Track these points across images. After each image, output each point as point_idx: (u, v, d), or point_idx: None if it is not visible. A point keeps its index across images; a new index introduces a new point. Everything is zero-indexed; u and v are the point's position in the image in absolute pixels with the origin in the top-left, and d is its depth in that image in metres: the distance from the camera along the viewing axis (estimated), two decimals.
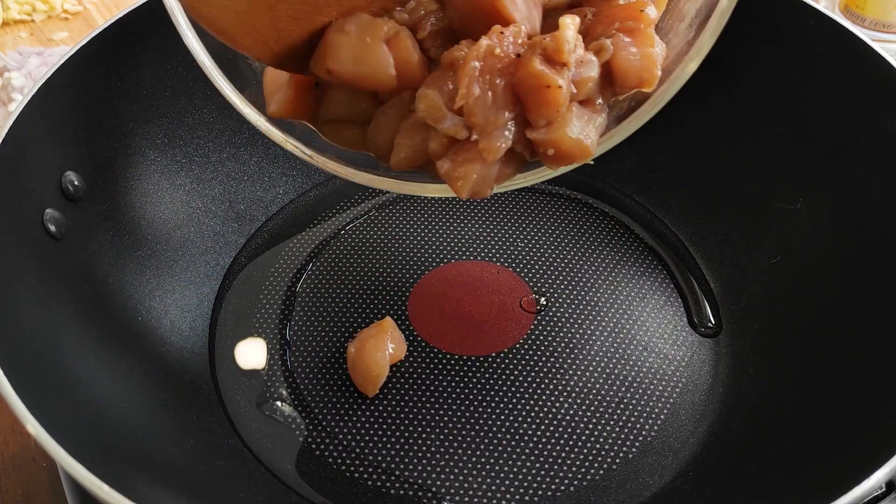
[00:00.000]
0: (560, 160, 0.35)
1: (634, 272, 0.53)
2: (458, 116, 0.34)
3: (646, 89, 0.37)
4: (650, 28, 0.36)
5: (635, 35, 0.36)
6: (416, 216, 0.57)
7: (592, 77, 0.35)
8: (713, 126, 0.55)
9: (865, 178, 0.47)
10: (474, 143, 0.34)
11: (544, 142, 0.35)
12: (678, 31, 0.39)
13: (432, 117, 0.35)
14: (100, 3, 0.81)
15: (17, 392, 0.34)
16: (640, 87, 0.37)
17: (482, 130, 0.34)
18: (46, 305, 0.41)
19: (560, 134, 0.34)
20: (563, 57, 0.33)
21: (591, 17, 0.37)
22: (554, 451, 0.45)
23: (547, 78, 0.33)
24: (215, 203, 0.55)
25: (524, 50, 0.34)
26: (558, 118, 0.34)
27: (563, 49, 0.33)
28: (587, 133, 0.35)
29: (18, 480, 0.48)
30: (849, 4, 0.68)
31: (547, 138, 0.34)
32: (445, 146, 0.35)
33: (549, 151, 0.35)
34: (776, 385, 0.45)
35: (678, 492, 0.43)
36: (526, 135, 0.35)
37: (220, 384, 0.48)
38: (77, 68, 0.46)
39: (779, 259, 0.50)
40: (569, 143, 0.35)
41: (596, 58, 0.35)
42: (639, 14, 0.36)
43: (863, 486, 0.33)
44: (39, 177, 0.44)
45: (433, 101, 0.34)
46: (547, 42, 0.33)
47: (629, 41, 0.36)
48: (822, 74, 0.49)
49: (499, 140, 0.34)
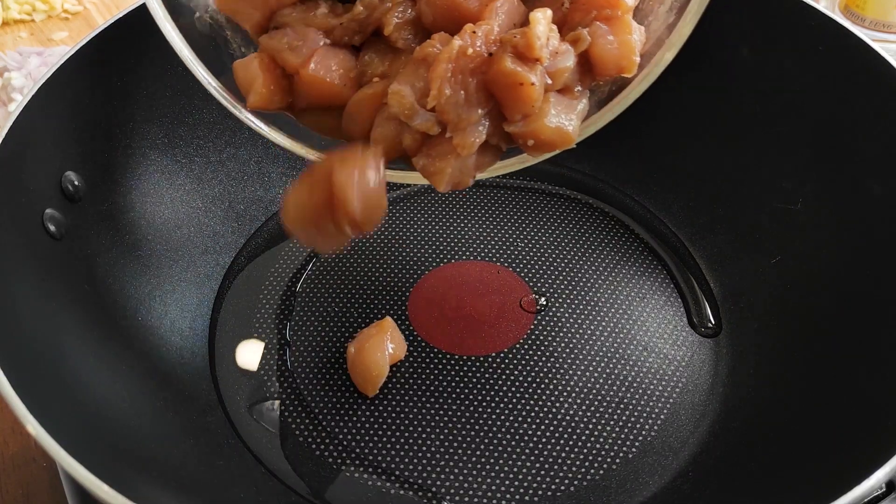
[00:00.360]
0: (541, 148, 0.36)
1: (634, 272, 0.53)
2: (430, 112, 0.34)
3: (625, 75, 0.37)
4: (628, 15, 0.36)
5: (613, 23, 0.36)
6: (415, 216, 0.57)
7: (568, 67, 0.35)
8: (713, 126, 0.55)
9: (865, 178, 0.47)
10: (448, 138, 0.35)
11: (523, 134, 0.35)
12: (658, 14, 0.39)
13: (404, 114, 0.35)
14: (100, 3, 0.81)
15: (17, 392, 0.34)
16: (620, 73, 0.37)
17: (455, 127, 0.34)
18: (46, 305, 0.41)
19: (538, 125, 0.35)
20: (535, 53, 0.33)
21: (568, 6, 0.37)
22: (554, 451, 0.45)
23: (519, 76, 0.33)
24: (215, 203, 0.55)
25: (496, 48, 0.34)
26: (534, 112, 0.34)
27: (534, 45, 0.33)
28: (567, 120, 0.35)
29: (18, 480, 0.48)
30: (849, 4, 0.68)
31: (525, 130, 0.35)
32: (419, 141, 0.36)
33: (529, 142, 0.35)
34: (776, 385, 0.45)
35: (678, 492, 0.43)
36: (503, 128, 0.35)
37: (220, 384, 0.48)
38: (77, 68, 0.46)
39: (779, 259, 0.50)
40: (548, 132, 0.35)
41: (572, 48, 0.35)
42: (616, 1, 0.36)
43: (863, 486, 0.33)
44: (39, 177, 0.44)
45: (404, 99, 0.34)
46: (518, 40, 0.33)
47: (606, 29, 0.36)
48: (822, 74, 0.49)
49: (472, 135, 0.34)
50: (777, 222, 0.51)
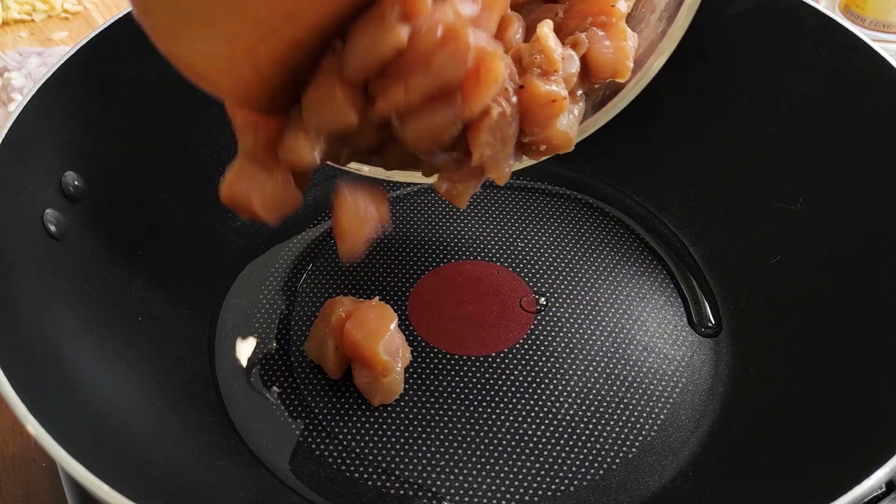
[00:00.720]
0: (547, 153, 0.37)
1: (634, 272, 0.53)
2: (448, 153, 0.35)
3: (619, 80, 0.39)
4: (621, 22, 0.38)
5: (608, 29, 0.37)
6: (415, 216, 0.57)
7: (576, 71, 0.36)
8: (713, 126, 0.55)
9: (865, 178, 0.47)
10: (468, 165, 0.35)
11: (537, 141, 0.36)
12: (649, 21, 0.41)
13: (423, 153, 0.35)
14: (100, 3, 0.81)
15: (17, 392, 0.34)
16: (615, 77, 0.38)
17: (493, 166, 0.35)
18: (46, 305, 0.41)
19: (552, 131, 0.36)
20: (556, 66, 0.35)
21: (563, 14, 0.38)
22: (554, 451, 0.45)
23: (552, 94, 0.35)
24: (216, 203, 0.55)
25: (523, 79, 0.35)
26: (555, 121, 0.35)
27: (554, 60, 0.34)
28: (571, 124, 0.36)
29: (18, 480, 0.48)
30: (849, 4, 0.68)
31: (541, 137, 0.36)
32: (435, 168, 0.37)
33: (542, 147, 0.36)
34: (776, 385, 0.45)
35: (678, 492, 0.43)
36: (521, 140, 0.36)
37: (220, 384, 0.48)
38: (77, 68, 0.46)
39: (779, 259, 0.50)
40: (559, 136, 0.36)
41: (574, 52, 0.36)
42: (610, 9, 0.37)
43: (863, 486, 0.33)
44: (39, 177, 0.44)
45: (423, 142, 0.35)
46: (539, 60, 0.34)
47: (603, 34, 0.37)
48: (822, 74, 0.49)
49: (507, 166, 0.35)
50: (777, 222, 0.51)
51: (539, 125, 0.35)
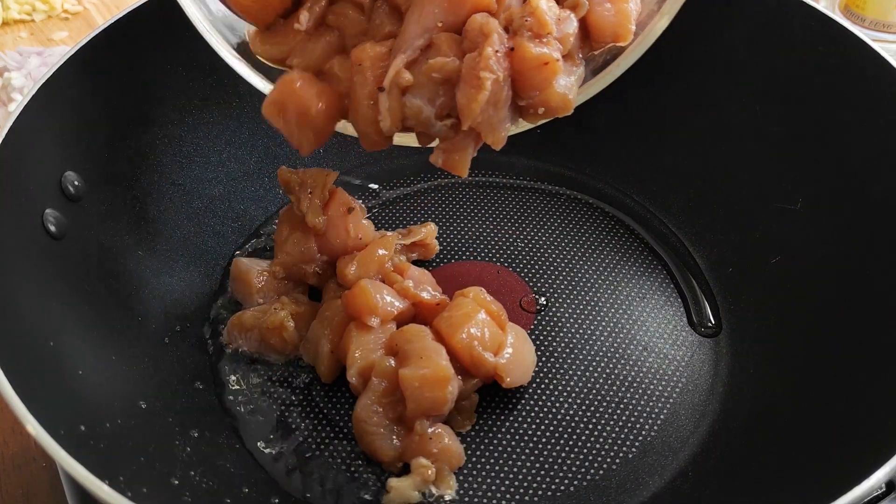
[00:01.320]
0: (546, 116, 0.37)
1: (634, 272, 0.53)
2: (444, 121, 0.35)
3: (621, 43, 0.38)
4: None
5: None
6: (416, 216, 0.57)
7: (573, 32, 0.36)
8: (713, 126, 0.55)
9: (865, 178, 0.47)
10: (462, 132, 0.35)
11: (535, 104, 0.36)
12: None
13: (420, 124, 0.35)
14: (100, 3, 0.81)
15: (17, 392, 0.34)
16: (616, 41, 0.38)
17: (489, 131, 0.35)
18: (46, 305, 0.41)
19: (549, 92, 0.35)
20: (548, 28, 0.34)
21: None
22: (554, 451, 0.45)
23: (544, 56, 0.34)
24: (215, 203, 0.55)
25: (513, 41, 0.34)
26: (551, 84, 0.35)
27: (546, 22, 0.34)
28: (570, 87, 0.36)
29: (18, 480, 0.48)
30: (849, 4, 0.68)
31: (538, 100, 0.35)
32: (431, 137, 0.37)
33: (540, 110, 0.36)
34: (776, 385, 0.45)
35: (678, 492, 0.43)
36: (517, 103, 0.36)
37: (219, 384, 0.48)
38: (77, 68, 0.46)
39: (779, 259, 0.50)
40: (557, 98, 0.36)
41: (574, 13, 0.36)
42: None
43: (863, 486, 0.33)
44: (39, 177, 0.44)
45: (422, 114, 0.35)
46: (530, 22, 0.34)
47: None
48: (822, 74, 0.49)
49: (503, 130, 0.35)
50: (777, 222, 0.51)
51: (535, 87, 0.35)
